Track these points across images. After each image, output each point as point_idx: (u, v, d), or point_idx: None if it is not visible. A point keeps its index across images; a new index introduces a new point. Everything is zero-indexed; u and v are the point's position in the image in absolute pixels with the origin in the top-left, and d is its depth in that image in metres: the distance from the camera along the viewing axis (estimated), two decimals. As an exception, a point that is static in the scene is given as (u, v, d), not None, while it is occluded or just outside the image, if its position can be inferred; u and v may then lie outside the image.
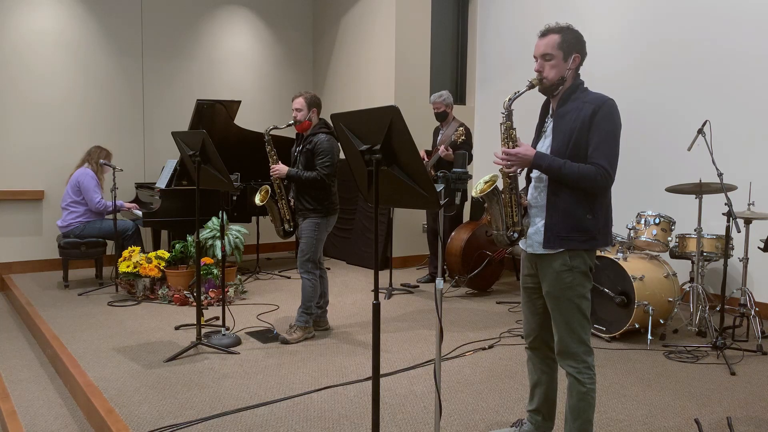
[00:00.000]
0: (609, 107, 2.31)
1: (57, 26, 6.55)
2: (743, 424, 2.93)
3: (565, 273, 2.33)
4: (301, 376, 3.52)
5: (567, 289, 2.34)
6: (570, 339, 2.36)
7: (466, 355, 3.93)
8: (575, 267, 2.33)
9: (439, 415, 2.45)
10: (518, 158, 2.32)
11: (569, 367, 2.38)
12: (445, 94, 5.78)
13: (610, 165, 2.28)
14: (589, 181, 2.27)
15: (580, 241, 2.32)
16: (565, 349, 2.38)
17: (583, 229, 2.32)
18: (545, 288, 2.40)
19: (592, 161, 2.28)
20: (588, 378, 2.36)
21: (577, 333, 2.36)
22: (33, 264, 6.53)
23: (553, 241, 2.34)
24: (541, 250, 2.37)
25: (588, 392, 2.36)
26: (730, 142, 5.03)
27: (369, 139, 2.17)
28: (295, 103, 4.17)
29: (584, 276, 2.36)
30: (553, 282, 2.36)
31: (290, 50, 8.15)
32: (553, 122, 2.41)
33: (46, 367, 3.89)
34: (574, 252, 2.33)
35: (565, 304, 2.35)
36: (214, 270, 5.30)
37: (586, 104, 2.32)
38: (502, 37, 7.07)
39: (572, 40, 2.36)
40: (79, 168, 5.84)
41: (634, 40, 5.71)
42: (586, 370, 2.37)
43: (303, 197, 4.18)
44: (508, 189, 2.40)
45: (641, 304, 4.09)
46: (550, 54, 2.35)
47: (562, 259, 2.33)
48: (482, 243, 5.64)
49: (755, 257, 4.85)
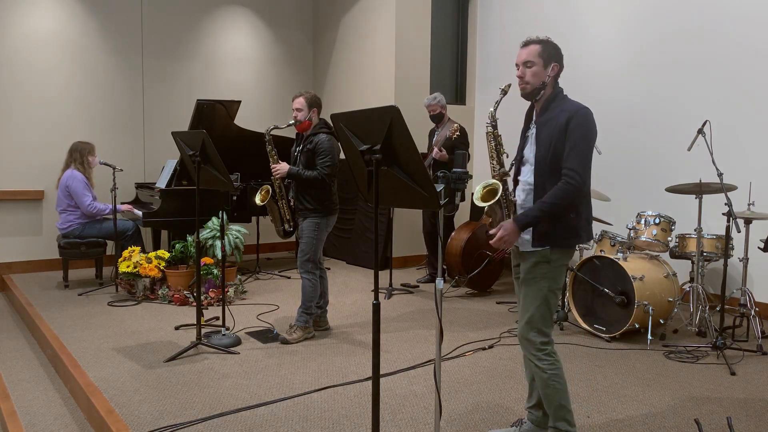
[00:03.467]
0: (582, 115, 2.42)
1: (57, 26, 6.55)
2: (743, 424, 2.93)
3: (543, 264, 2.45)
4: (301, 376, 3.52)
5: (540, 279, 2.46)
6: (529, 327, 2.49)
7: (466, 355, 3.93)
8: (554, 260, 2.46)
9: (439, 415, 2.45)
10: (507, 237, 2.41)
11: (529, 353, 2.51)
12: (438, 96, 5.81)
13: (581, 168, 2.39)
14: (568, 196, 2.39)
15: (565, 237, 2.45)
16: (524, 335, 2.50)
17: (569, 227, 2.45)
18: (522, 275, 2.52)
19: (564, 166, 2.40)
20: (548, 364, 2.47)
21: (537, 324, 2.47)
22: (33, 264, 6.53)
23: (543, 239, 2.45)
24: (530, 247, 2.48)
25: (550, 378, 2.46)
26: (730, 142, 5.03)
27: (369, 139, 2.17)
28: (296, 103, 4.17)
29: (560, 271, 2.49)
30: (530, 270, 2.48)
31: (290, 50, 8.15)
32: (535, 129, 2.53)
33: (46, 367, 3.89)
34: (555, 247, 2.45)
35: (535, 293, 2.46)
36: (214, 270, 5.30)
37: (563, 112, 2.45)
38: (502, 37, 7.07)
39: (552, 51, 2.53)
40: (65, 171, 5.72)
41: (633, 39, 5.71)
42: (545, 356, 2.48)
43: (303, 197, 4.18)
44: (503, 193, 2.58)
45: (641, 304, 4.09)
46: (531, 61, 2.50)
47: (544, 251, 2.45)
48: (482, 243, 5.63)
49: (755, 257, 4.85)
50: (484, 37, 7.35)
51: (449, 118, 5.86)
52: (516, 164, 2.65)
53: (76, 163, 5.73)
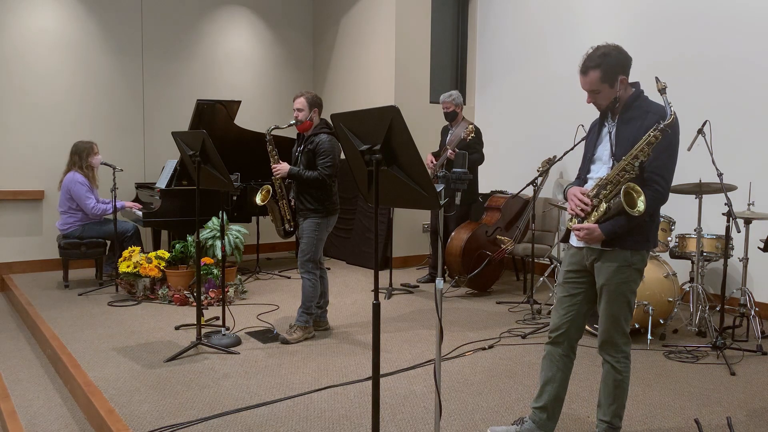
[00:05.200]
0: (670, 120, 2.34)
1: (57, 26, 6.55)
2: (743, 424, 2.93)
3: (624, 268, 2.44)
4: (301, 376, 3.52)
5: (623, 284, 2.45)
6: (614, 330, 2.50)
7: (466, 355, 3.93)
8: (634, 264, 2.45)
9: (439, 415, 2.45)
10: (589, 240, 2.45)
11: (608, 356, 2.53)
12: (455, 94, 5.77)
13: (668, 173, 2.40)
14: (654, 204, 2.37)
15: (643, 242, 2.45)
16: (610, 339, 2.51)
17: (642, 231, 2.44)
18: (601, 281, 2.49)
19: (650, 171, 2.36)
20: (625, 367, 2.52)
21: (622, 326, 2.50)
22: (33, 264, 6.53)
23: (618, 241, 2.43)
24: (599, 246, 2.46)
25: (624, 379, 2.52)
26: (730, 142, 5.03)
27: (369, 139, 2.17)
28: (297, 103, 4.17)
29: (639, 275, 2.50)
30: (612, 275, 2.45)
31: (290, 50, 8.16)
32: (615, 128, 2.48)
33: (46, 367, 3.89)
34: (635, 251, 2.45)
35: (618, 297, 2.46)
36: (214, 270, 5.30)
37: (649, 114, 2.40)
38: (502, 37, 7.08)
39: (613, 67, 2.40)
40: (67, 173, 5.71)
41: (633, 39, 5.71)
42: (624, 359, 2.52)
43: (303, 197, 4.18)
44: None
45: (641, 304, 4.09)
46: (596, 89, 2.44)
47: (624, 256, 2.44)
48: (482, 243, 5.64)
49: (755, 257, 4.85)
50: (484, 37, 7.35)
51: (464, 117, 5.83)
52: (585, 162, 2.60)
53: (77, 165, 5.73)
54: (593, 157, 2.56)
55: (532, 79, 6.68)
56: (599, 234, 2.40)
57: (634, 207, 2.28)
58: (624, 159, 2.36)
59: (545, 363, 2.67)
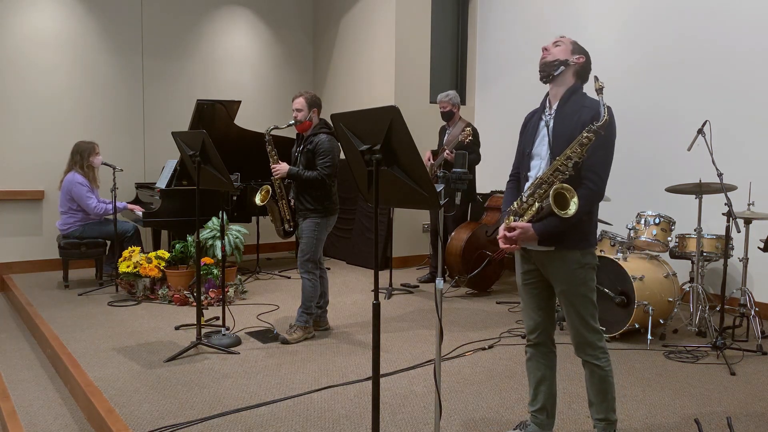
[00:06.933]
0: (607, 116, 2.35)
1: (57, 26, 6.55)
2: (743, 424, 2.93)
3: (579, 270, 2.44)
4: (301, 376, 3.52)
5: (581, 285, 2.45)
6: (585, 330, 2.48)
7: (466, 355, 3.93)
8: (587, 263, 2.45)
9: (439, 415, 2.45)
10: (522, 242, 2.45)
11: (587, 356, 2.51)
12: (451, 94, 5.76)
13: (603, 171, 2.39)
14: (589, 203, 2.38)
15: (581, 240, 2.44)
16: (584, 339, 2.50)
17: (582, 230, 2.44)
18: (559, 287, 2.48)
19: (586, 168, 2.36)
20: (605, 362, 2.51)
21: (592, 324, 2.48)
22: (33, 264, 6.53)
23: (555, 240, 2.42)
24: (537, 246, 2.45)
25: (608, 374, 2.51)
26: (730, 142, 5.03)
27: (369, 139, 2.17)
28: (296, 103, 4.17)
29: (594, 269, 2.50)
30: (568, 280, 2.45)
31: (290, 50, 8.15)
32: (553, 121, 2.46)
33: (46, 367, 3.89)
34: (584, 251, 2.44)
35: (580, 299, 2.45)
36: (214, 270, 5.30)
37: (585, 109, 2.40)
38: (502, 37, 7.08)
39: (581, 48, 2.52)
40: (67, 173, 5.71)
41: (633, 40, 5.72)
42: (602, 354, 2.51)
43: (303, 197, 4.18)
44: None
45: (641, 304, 4.09)
46: (561, 41, 2.50)
47: (574, 258, 2.43)
48: (482, 243, 5.64)
49: (755, 257, 4.85)
50: (484, 37, 7.35)
51: (461, 117, 5.82)
52: (521, 157, 2.57)
53: (78, 165, 5.73)
54: (531, 152, 2.52)
55: (531, 79, 6.67)
56: (532, 234, 2.38)
57: (565, 208, 2.26)
58: (557, 159, 2.33)
59: (531, 365, 2.67)
